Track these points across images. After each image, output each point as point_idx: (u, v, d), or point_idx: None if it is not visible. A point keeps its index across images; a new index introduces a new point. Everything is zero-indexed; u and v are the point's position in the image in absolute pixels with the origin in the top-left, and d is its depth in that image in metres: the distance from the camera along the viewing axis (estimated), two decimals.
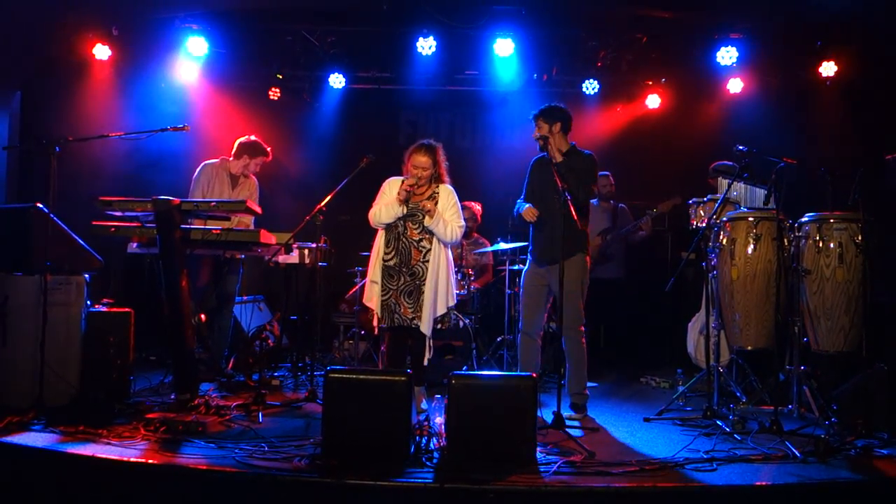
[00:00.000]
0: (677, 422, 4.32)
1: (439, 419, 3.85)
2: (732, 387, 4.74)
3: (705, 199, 5.14)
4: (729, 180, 4.65)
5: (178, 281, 4.28)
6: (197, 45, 6.95)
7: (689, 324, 5.63)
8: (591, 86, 7.52)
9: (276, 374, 5.56)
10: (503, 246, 6.13)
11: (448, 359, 5.54)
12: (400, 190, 4.42)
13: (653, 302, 6.72)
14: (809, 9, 6.27)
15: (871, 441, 3.68)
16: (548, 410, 4.16)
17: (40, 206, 4.31)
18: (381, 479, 3.04)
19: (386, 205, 4.47)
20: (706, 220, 4.85)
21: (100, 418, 3.82)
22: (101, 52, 6.89)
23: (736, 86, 7.32)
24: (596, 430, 4.20)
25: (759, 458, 3.47)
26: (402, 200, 4.41)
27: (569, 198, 4.11)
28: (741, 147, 4.39)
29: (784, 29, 6.84)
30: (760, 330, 4.62)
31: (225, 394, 4.84)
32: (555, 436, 3.81)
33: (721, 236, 4.79)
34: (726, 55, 6.94)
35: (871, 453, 3.53)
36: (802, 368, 4.46)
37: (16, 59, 6.44)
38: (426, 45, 6.92)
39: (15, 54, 6.33)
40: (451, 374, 3.41)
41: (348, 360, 6.29)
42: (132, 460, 3.20)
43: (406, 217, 4.49)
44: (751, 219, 4.67)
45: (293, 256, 5.36)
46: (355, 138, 7.77)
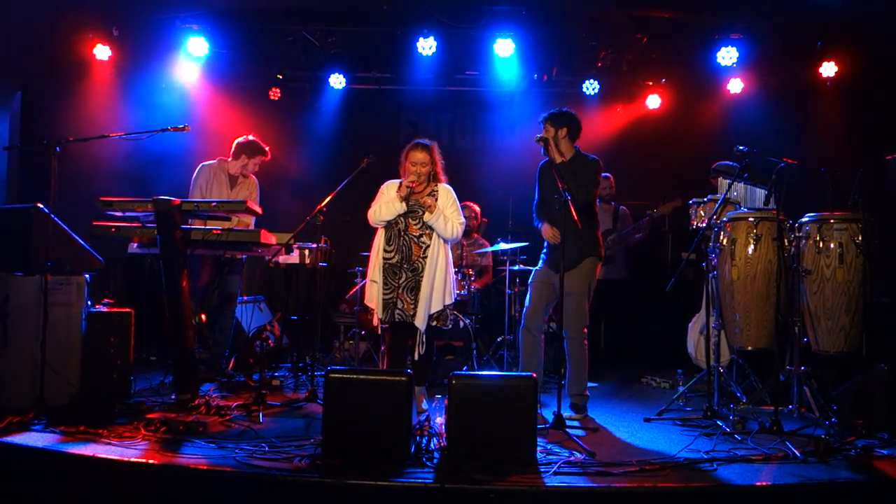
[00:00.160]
0: (678, 422, 4.32)
1: (440, 419, 3.85)
2: (733, 387, 4.74)
3: (706, 199, 5.14)
4: (729, 180, 4.65)
5: (178, 281, 4.28)
6: (197, 46, 6.96)
7: (690, 324, 5.63)
8: (591, 86, 7.53)
9: (277, 374, 5.56)
10: (503, 246, 6.13)
11: (448, 359, 5.55)
12: (401, 186, 4.43)
13: (653, 302, 6.72)
14: (809, 9, 6.27)
15: (871, 441, 3.67)
16: (548, 410, 4.16)
17: (41, 206, 4.32)
18: (381, 480, 3.04)
19: (386, 202, 4.47)
20: (706, 221, 4.85)
21: (100, 418, 3.82)
22: (102, 52, 6.90)
23: (736, 86, 7.32)
24: (596, 430, 4.20)
25: (760, 458, 3.47)
26: (402, 197, 4.41)
27: (568, 198, 4.12)
28: (741, 147, 4.39)
29: (784, 29, 6.83)
30: (761, 330, 4.62)
31: (225, 394, 4.84)
32: (555, 436, 3.82)
33: (721, 236, 4.78)
34: (726, 55, 6.94)
35: (872, 453, 3.51)
36: (803, 368, 4.46)
37: (16, 59, 6.44)
38: (426, 45, 6.91)
39: (15, 54, 6.34)
40: (451, 374, 3.41)
41: (349, 361, 6.30)
42: (133, 460, 3.20)
43: (406, 214, 4.49)
44: (751, 219, 4.67)
45: (293, 256, 5.37)
46: (355, 138, 7.78)
